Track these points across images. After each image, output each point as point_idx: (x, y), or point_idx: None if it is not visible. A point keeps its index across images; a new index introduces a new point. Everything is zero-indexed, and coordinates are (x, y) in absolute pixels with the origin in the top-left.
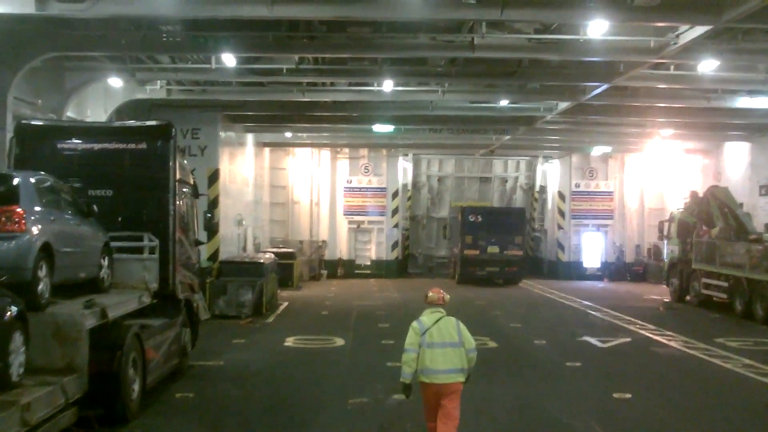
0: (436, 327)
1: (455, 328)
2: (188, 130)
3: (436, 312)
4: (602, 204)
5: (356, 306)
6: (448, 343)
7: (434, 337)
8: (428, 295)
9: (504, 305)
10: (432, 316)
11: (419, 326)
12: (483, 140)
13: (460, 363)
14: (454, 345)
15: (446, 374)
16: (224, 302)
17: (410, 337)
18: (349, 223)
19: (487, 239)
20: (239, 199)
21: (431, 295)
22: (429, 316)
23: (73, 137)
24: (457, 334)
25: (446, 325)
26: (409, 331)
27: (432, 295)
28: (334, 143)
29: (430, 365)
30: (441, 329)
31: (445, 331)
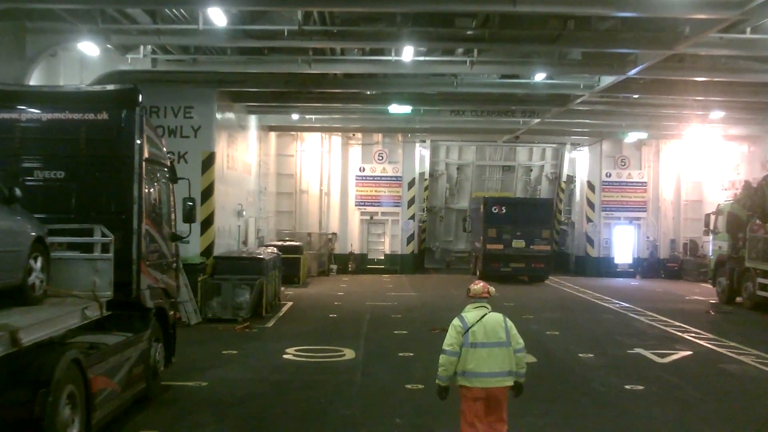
0: (481, 324)
1: (502, 325)
2: (180, 108)
3: (481, 307)
4: (635, 195)
5: (369, 307)
6: (495, 342)
7: (478, 336)
8: (471, 288)
9: (534, 307)
10: (476, 311)
11: (461, 324)
12: (509, 124)
13: (508, 365)
14: (501, 344)
15: (493, 378)
16: (218, 304)
17: (450, 337)
18: (361, 215)
19: (512, 233)
20: (240, 187)
21: (475, 287)
22: (472, 312)
23: (15, 104)
24: (504, 332)
25: (492, 322)
26: (450, 329)
27: (476, 287)
28: (346, 127)
29: (473, 368)
30: (486, 327)
31: (491, 329)
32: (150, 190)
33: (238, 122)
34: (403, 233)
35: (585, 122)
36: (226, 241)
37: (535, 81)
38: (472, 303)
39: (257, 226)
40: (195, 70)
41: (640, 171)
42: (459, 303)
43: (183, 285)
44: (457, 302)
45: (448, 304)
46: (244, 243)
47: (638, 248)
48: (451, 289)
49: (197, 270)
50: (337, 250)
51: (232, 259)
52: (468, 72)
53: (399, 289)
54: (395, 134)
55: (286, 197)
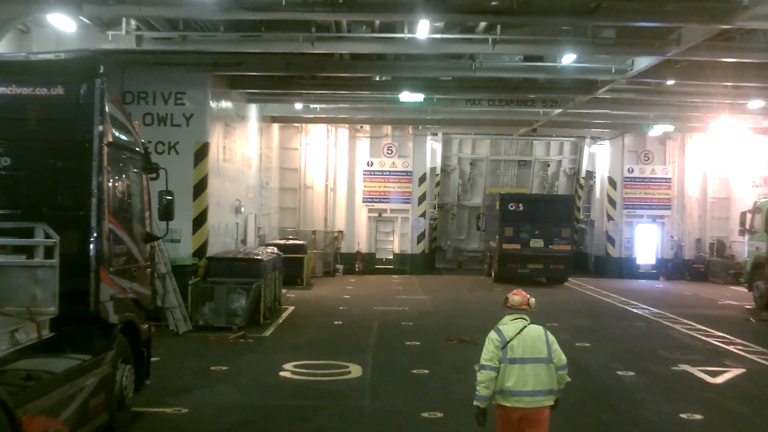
0: (520, 338)
1: (543, 339)
2: (171, 94)
3: (519, 319)
4: (658, 192)
5: (377, 313)
6: (535, 358)
7: (517, 350)
8: (510, 298)
9: (558, 313)
10: (514, 324)
11: (499, 337)
12: (527, 116)
13: (549, 383)
14: (541, 360)
15: (532, 397)
16: (210, 310)
17: (488, 351)
18: (369, 212)
19: (530, 232)
20: (238, 181)
21: (514, 298)
22: (511, 324)
23: None
24: (546, 347)
25: (532, 336)
26: (487, 343)
27: (515, 298)
28: (353, 118)
29: (512, 386)
30: (525, 341)
31: (531, 343)
32: (116, 181)
33: (237, 111)
34: (414, 231)
35: (608, 113)
36: (223, 240)
37: (562, 64)
38: (509, 314)
39: (258, 223)
40: (185, 50)
41: (665, 166)
42: (475, 309)
43: (171, 290)
44: (474, 308)
45: (464, 309)
46: (242, 242)
47: (662, 248)
48: (465, 292)
49: (188, 272)
50: (343, 249)
51: (227, 261)
52: (489, 52)
53: (409, 291)
54: (405, 127)
55: (290, 193)
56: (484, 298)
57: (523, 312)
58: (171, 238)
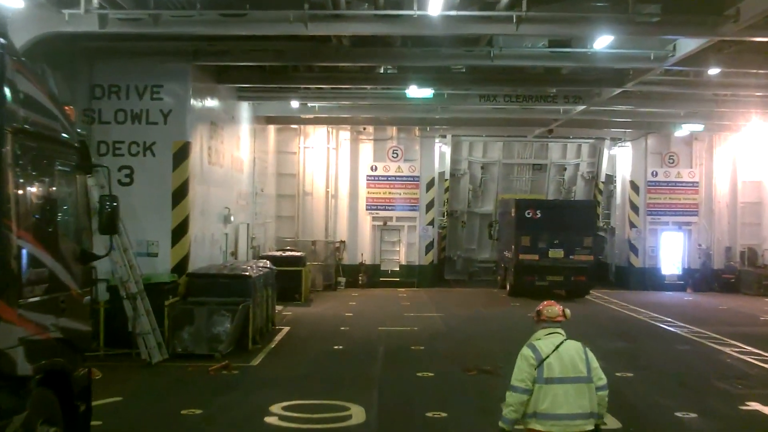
0: (557, 355)
1: (582, 356)
2: (146, 87)
3: (554, 333)
4: (684, 197)
5: (383, 334)
6: (574, 377)
7: (555, 369)
8: (544, 310)
9: (586, 333)
10: (549, 338)
11: (534, 354)
12: (545, 113)
13: (590, 405)
14: (581, 380)
15: (571, 420)
16: (190, 335)
17: (521, 371)
18: (373, 220)
19: (549, 241)
20: (227, 187)
21: (550, 309)
22: (546, 340)
23: None
24: (585, 365)
25: (570, 353)
26: (519, 361)
27: (551, 309)
28: (355, 118)
29: (548, 408)
30: (563, 358)
31: (569, 360)
32: (30, 182)
33: (225, 109)
34: (421, 241)
35: (633, 111)
36: (208, 253)
37: (593, 50)
38: (543, 328)
39: (251, 233)
40: (158, 33)
41: (691, 169)
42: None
43: (143, 313)
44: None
45: (480, 329)
46: (232, 254)
47: (688, 257)
48: (479, 308)
49: (165, 291)
50: (345, 260)
51: (210, 278)
52: (511, 33)
53: (418, 307)
54: (412, 128)
55: (288, 200)
56: (501, 316)
57: (559, 325)
58: (147, 252)
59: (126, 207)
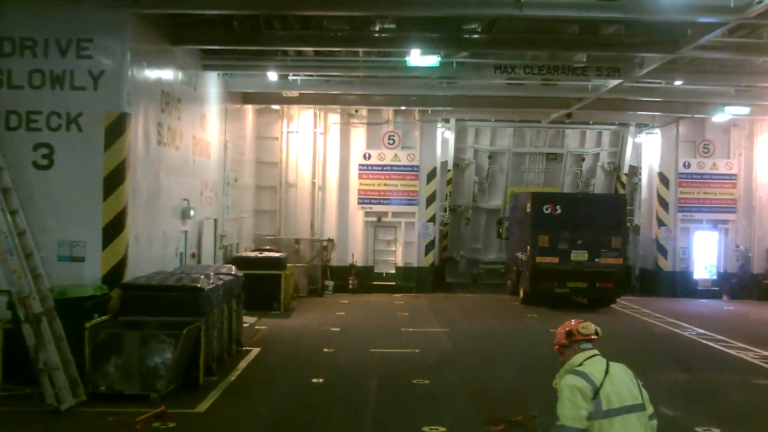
0: (610, 381)
1: (633, 379)
2: (70, 42)
3: (595, 355)
4: (720, 191)
5: (376, 359)
6: (632, 405)
7: (613, 399)
8: (579, 327)
9: (632, 358)
10: (594, 362)
11: (588, 384)
12: (569, 90)
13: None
14: (638, 408)
15: None
16: (117, 368)
17: (576, 407)
18: (365, 216)
19: (571, 241)
20: (188, 175)
21: (585, 327)
22: (591, 364)
23: None
24: (638, 390)
25: (621, 376)
26: (569, 394)
27: (586, 327)
28: (345, 97)
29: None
30: (616, 384)
31: (623, 386)
32: None
33: (185, 79)
34: (421, 240)
35: (671, 89)
36: (159, 257)
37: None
38: (581, 350)
39: (221, 231)
40: None
41: (728, 160)
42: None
43: (50, 340)
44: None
45: (497, 353)
46: (193, 257)
47: (725, 260)
48: (490, 320)
49: (88, 309)
50: (334, 261)
51: (151, 290)
52: None
53: (418, 319)
54: (411, 112)
55: (268, 192)
56: (518, 333)
57: (593, 343)
58: (71, 256)
59: (42, 197)
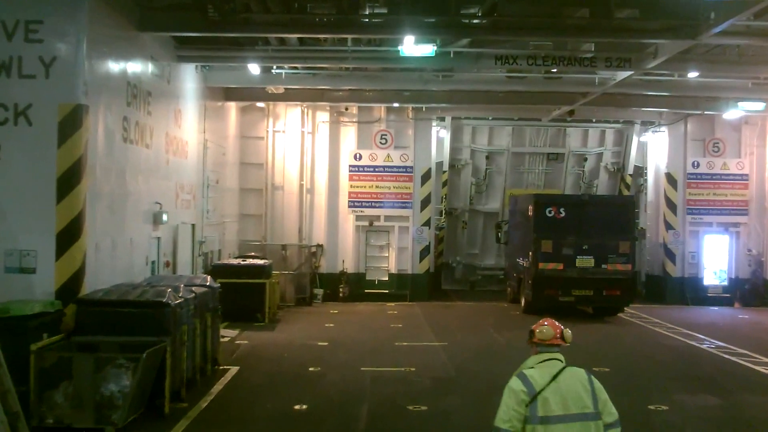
0: (555, 387)
1: (587, 387)
2: (17, 23)
3: (552, 359)
4: (732, 192)
5: (367, 380)
6: (578, 414)
7: (553, 405)
8: (538, 330)
9: (652, 377)
10: (545, 366)
11: (525, 387)
12: (574, 84)
13: None
14: (587, 417)
15: None
16: (67, 398)
17: (508, 408)
18: (356, 220)
19: (576, 246)
20: (160, 175)
21: (544, 330)
22: (541, 368)
23: None
24: (591, 398)
25: (572, 383)
26: (506, 395)
27: (545, 330)
28: (333, 94)
29: None
30: (563, 391)
31: (572, 393)
32: None
33: (156, 71)
34: (415, 245)
35: (682, 84)
36: (125, 267)
37: None
38: (538, 353)
39: (200, 237)
40: None
41: (740, 159)
42: None
43: None
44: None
45: (501, 372)
46: (167, 266)
47: (736, 265)
48: (491, 332)
49: (34, 330)
50: (323, 268)
51: (110, 306)
52: None
53: (413, 332)
54: (404, 109)
55: (254, 195)
56: (524, 346)
57: (556, 349)
58: (20, 267)
59: None
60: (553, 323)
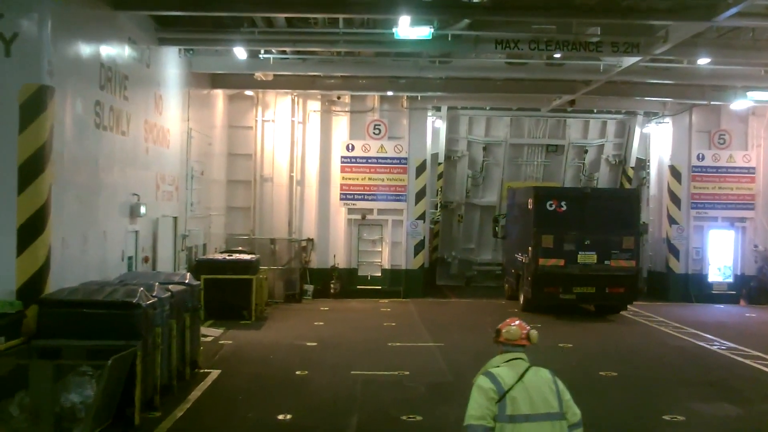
0: (522, 387)
1: (552, 387)
2: None
3: (517, 359)
4: (737, 186)
5: (358, 385)
6: (544, 414)
7: (521, 404)
8: (504, 330)
9: (661, 380)
10: (512, 366)
11: (494, 385)
12: (577, 72)
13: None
14: (552, 417)
15: None
16: (23, 409)
17: (478, 405)
18: (349, 213)
19: (578, 241)
20: (139, 165)
21: (511, 330)
22: (508, 367)
23: None
24: (555, 398)
25: (537, 384)
26: (476, 393)
27: (512, 330)
28: (323, 82)
29: None
30: (530, 390)
31: (537, 393)
32: None
33: (134, 53)
34: (409, 239)
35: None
36: (97, 263)
37: None
38: (502, 353)
39: (183, 230)
40: None
41: (746, 152)
42: None
43: None
44: None
45: None
46: (146, 261)
47: (742, 261)
48: (489, 331)
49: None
50: (314, 263)
51: (75, 307)
52: None
53: (407, 331)
54: (398, 98)
55: (242, 188)
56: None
57: (521, 349)
58: None
59: None
60: (521, 324)
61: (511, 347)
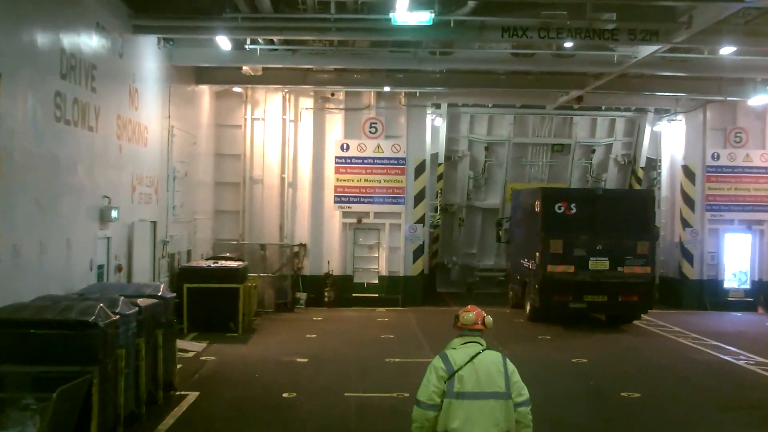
0: (471, 367)
1: (500, 369)
2: None
3: (472, 343)
4: (755, 187)
5: (352, 412)
6: (490, 392)
7: (467, 383)
8: (462, 316)
9: (682, 396)
10: (465, 348)
11: (445, 365)
12: (588, 64)
13: (506, 424)
14: (498, 396)
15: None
16: None
17: (429, 383)
18: (343, 216)
19: (590, 246)
20: (112, 164)
21: (467, 315)
22: (460, 350)
23: None
24: (503, 379)
25: (487, 364)
26: (428, 372)
27: (468, 315)
28: (318, 75)
29: (459, 427)
30: (478, 370)
31: (485, 373)
32: None
33: (104, 41)
34: (408, 244)
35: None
36: (61, 274)
37: None
38: (460, 336)
39: (163, 236)
40: None
41: (764, 151)
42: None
43: None
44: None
45: None
46: (119, 270)
47: (759, 266)
48: (493, 344)
49: None
50: (307, 270)
51: (19, 327)
52: None
53: (406, 343)
54: (396, 95)
55: (230, 190)
56: (532, 362)
57: (477, 333)
58: None
59: None
60: (479, 311)
61: (468, 331)
